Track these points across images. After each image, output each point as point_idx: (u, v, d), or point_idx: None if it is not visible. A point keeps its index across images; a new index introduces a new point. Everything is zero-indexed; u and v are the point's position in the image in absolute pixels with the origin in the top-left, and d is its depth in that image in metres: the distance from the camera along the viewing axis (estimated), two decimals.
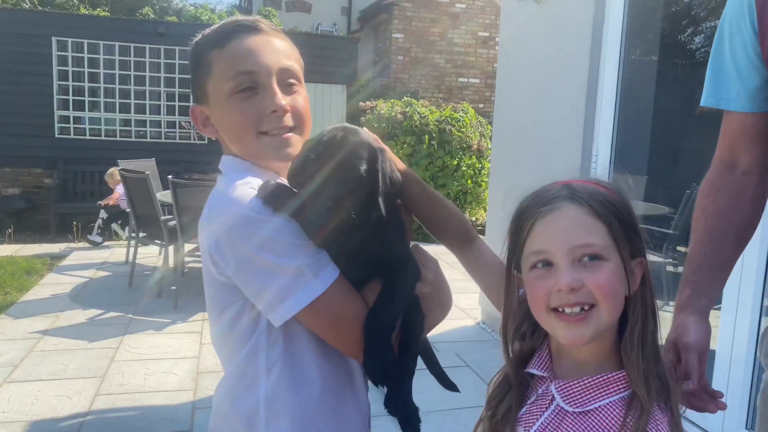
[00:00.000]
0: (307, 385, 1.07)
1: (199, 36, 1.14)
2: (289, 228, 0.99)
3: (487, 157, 9.03)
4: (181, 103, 10.24)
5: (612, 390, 0.93)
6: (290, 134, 1.11)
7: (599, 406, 0.93)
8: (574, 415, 0.94)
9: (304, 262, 0.99)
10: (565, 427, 0.94)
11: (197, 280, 5.65)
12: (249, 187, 1.02)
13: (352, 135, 1.03)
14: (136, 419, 3.26)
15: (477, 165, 9.04)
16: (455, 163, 8.78)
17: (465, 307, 5.22)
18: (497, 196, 4.94)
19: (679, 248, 5.19)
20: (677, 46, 5.46)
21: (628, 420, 0.89)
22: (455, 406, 3.15)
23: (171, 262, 5.79)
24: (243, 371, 1.08)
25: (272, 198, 1.00)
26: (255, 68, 1.07)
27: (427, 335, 1.24)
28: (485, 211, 9.41)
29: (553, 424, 0.96)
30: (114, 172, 7.65)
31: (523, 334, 1.05)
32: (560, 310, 0.92)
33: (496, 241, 4.56)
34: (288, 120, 1.10)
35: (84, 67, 9.88)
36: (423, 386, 1.36)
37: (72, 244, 7.73)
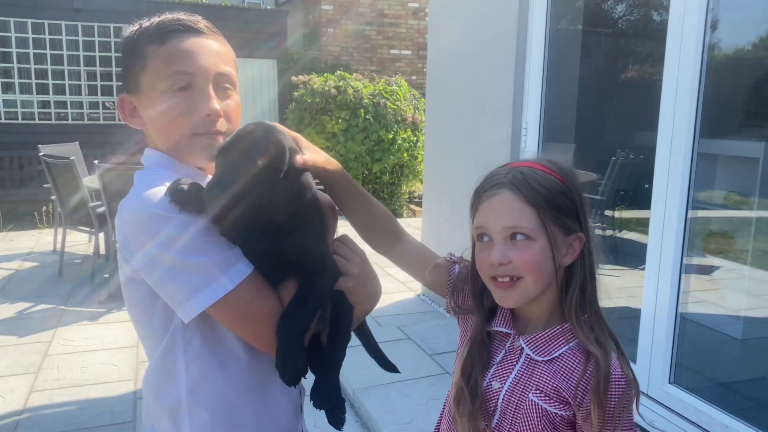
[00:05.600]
0: (228, 376, 1.08)
1: (136, 27, 1.12)
2: (197, 225, 0.99)
3: (422, 129, 9.09)
4: (104, 83, 9.80)
5: (569, 337, 1.10)
6: (220, 137, 1.11)
7: (561, 353, 1.10)
8: (543, 363, 1.10)
9: (212, 258, 0.99)
10: (538, 374, 1.10)
11: None
12: (160, 184, 1.02)
13: (263, 131, 1.00)
14: (76, 413, 3.18)
15: (412, 138, 9.09)
16: (390, 136, 8.81)
17: (405, 280, 5.30)
18: (432, 168, 5.00)
19: (606, 213, 5.42)
20: (601, 14, 5.61)
21: (589, 364, 1.06)
22: (398, 379, 3.23)
23: (102, 250, 5.60)
24: (161, 366, 1.09)
25: (179, 195, 0.99)
26: (192, 69, 1.08)
27: (368, 317, 1.26)
28: (422, 183, 9.52)
29: (527, 373, 1.11)
30: None
31: (483, 289, 1.17)
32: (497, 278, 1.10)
33: (433, 213, 4.65)
34: (221, 125, 1.11)
35: None
36: (366, 362, 1.39)
37: None
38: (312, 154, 1.07)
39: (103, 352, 3.94)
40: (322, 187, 1.17)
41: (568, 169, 1.12)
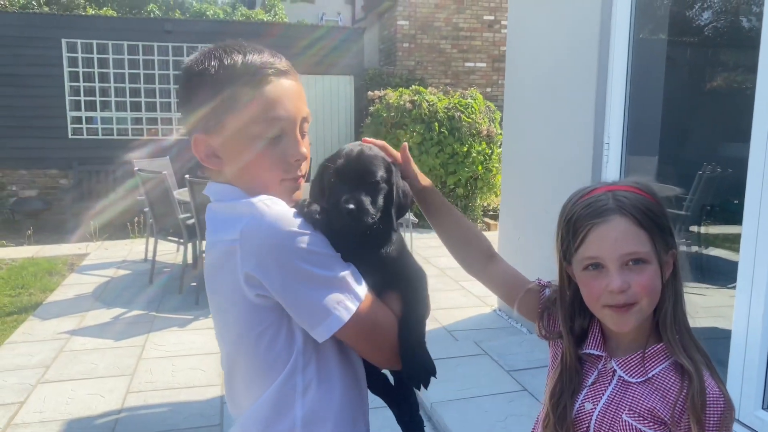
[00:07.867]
0: (332, 402, 1.09)
1: (213, 63, 1.07)
2: (325, 242, 1.06)
3: (497, 142, 9.03)
4: None
5: (662, 357, 1.11)
6: (302, 180, 1.16)
7: (656, 373, 1.10)
8: (637, 385, 1.11)
9: (346, 272, 1.05)
10: (631, 394, 1.10)
11: None
12: (281, 206, 1.03)
13: (367, 149, 1.13)
14: (168, 415, 3.37)
15: (487, 151, 9.04)
16: (465, 149, 8.80)
17: (480, 295, 5.29)
18: (510, 182, 4.98)
19: (691, 228, 5.22)
20: (686, 24, 5.44)
21: (684, 381, 1.06)
22: (476, 394, 3.23)
23: (189, 259, 5.89)
24: (278, 396, 1.06)
25: (310, 215, 1.05)
26: (285, 115, 1.08)
27: (445, 324, 1.33)
28: (496, 196, 9.43)
29: (620, 394, 1.12)
30: None
31: (572, 313, 1.19)
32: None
33: (510, 227, 4.57)
34: (304, 167, 1.15)
35: (94, 68, 9.98)
36: (446, 376, 1.42)
37: (91, 244, 7.85)
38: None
39: (192, 358, 4.15)
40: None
41: (652, 186, 1.14)
